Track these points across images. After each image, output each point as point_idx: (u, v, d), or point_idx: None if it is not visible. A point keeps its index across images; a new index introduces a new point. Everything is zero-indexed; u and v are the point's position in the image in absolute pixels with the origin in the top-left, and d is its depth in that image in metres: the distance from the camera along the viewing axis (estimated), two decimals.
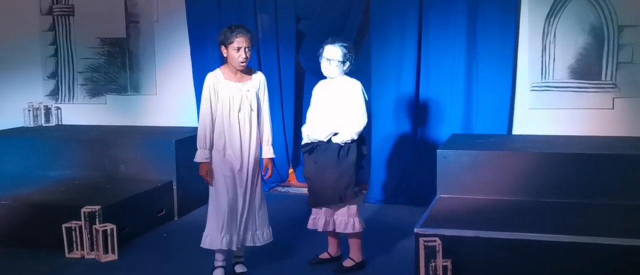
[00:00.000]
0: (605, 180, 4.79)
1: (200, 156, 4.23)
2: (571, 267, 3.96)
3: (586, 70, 5.78)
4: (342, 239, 4.61)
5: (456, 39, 6.04)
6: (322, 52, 4.40)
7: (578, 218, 4.42)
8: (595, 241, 3.94)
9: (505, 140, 5.68)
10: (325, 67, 4.38)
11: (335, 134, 4.33)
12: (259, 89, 4.30)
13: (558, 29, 5.81)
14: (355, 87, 4.37)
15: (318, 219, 4.49)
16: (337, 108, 4.34)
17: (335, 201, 4.37)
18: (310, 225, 4.55)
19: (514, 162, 5.02)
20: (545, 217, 4.46)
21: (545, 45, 5.85)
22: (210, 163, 4.24)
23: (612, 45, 5.70)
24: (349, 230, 4.40)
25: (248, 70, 4.32)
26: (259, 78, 4.34)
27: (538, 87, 5.91)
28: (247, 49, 4.17)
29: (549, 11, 5.81)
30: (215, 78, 4.22)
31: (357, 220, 4.41)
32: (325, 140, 4.35)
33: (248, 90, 4.24)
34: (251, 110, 4.24)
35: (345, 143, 4.32)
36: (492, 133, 5.90)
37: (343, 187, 4.33)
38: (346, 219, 4.40)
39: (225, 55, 4.23)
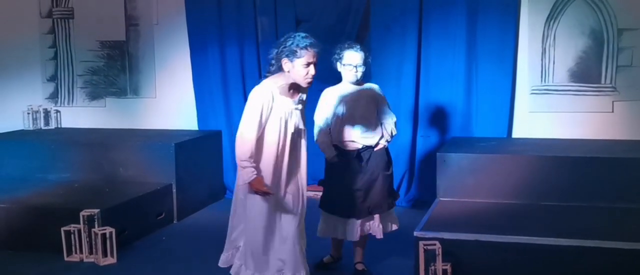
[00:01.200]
0: (605, 183, 4.79)
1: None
2: (572, 271, 3.95)
3: (586, 74, 5.78)
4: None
5: (456, 41, 6.04)
6: (341, 58, 4.27)
7: (578, 221, 4.42)
8: (595, 245, 3.93)
9: (505, 143, 5.67)
10: (351, 73, 4.22)
11: (381, 137, 4.30)
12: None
13: (558, 32, 5.81)
14: (378, 89, 4.38)
15: (335, 227, 4.34)
16: (371, 112, 4.27)
17: (392, 206, 4.38)
18: (321, 233, 4.43)
19: (514, 165, 5.01)
20: (546, 221, 4.45)
21: (545, 48, 5.85)
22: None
23: (612, 48, 5.70)
24: (393, 228, 4.44)
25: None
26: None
27: (538, 90, 5.90)
28: (315, 65, 3.65)
29: (549, 14, 5.81)
30: (271, 92, 3.63)
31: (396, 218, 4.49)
32: (374, 145, 4.26)
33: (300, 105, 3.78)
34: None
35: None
36: (492, 136, 5.89)
37: (394, 190, 4.42)
38: (378, 222, 4.32)
39: (286, 69, 3.65)
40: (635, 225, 4.32)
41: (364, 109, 4.23)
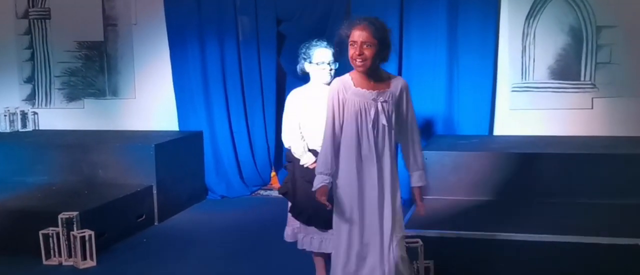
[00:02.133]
0: (585, 179, 4.82)
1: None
2: (553, 266, 3.97)
3: (565, 71, 5.81)
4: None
5: (437, 40, 6.05)
6: (310, 57, 3.98)
7: (559, 217, 4.44)
8: (576, 240, 3.97)
9: (486, 141, 5.69)
10: (325, 72, 3.95)
11: None
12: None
13: (537, 30, 5.84)
14: None
15: (312, 238, 4.00)
16: None
17: None
18: (299, 245, 4.10)
19: (496, 162, 5.03)
20: (527, 217, 4.47)
21: (525, 46, 5.87)
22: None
23: (591, 45, 5.74)
24: None
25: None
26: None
27: (518, 88, 5.93)
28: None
29: (529, 12, 5.83)
30: (343, 84, 3.29)
31: None
32: None
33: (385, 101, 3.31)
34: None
35: None
36: (474, 134, 5.91)
37: None
38: None
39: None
40: (615, 220, 4.35)
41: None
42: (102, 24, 7.02)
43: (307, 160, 3.94)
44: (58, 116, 7.26)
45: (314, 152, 3.89)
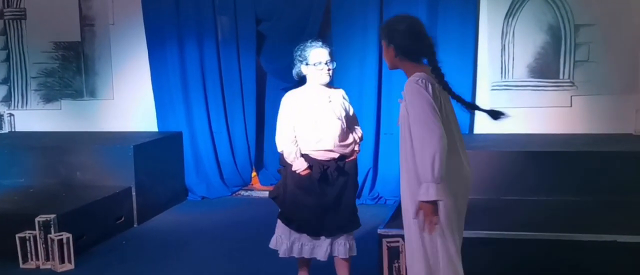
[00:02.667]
0: (565, 177, 4.85)
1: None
2: (532, 264, 3.99)
3: (545, 69, 5.85)
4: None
5: None
6: (306, 58, 3.81)
7: (539, 214, 4.46)
8: (555, 237, 3.98)
9: (466, 139, 5.60)
10: (324, 72, 3.81)
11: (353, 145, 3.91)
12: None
13: (517, 28, 5.87)
14: (344, 94, 3.98)
15: (303, 245, 3.88)
16: (343, 118, 3.86)
17: (357, 225, 3.94)
18: (286, 252, 3.94)
19: (476, 160, 4.98)
20: (507, 215, 4.49)
21: (504, 45, 5.90)
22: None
23: (569, 44, 5.78)
24: (353, 253, 3.94)
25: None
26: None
27: (498, 86, 5.95)
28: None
29: (508, 11, 5.87)
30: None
31: (353, 241, 3.97)
32: (348, 154, 3.86)
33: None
34: None
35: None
36: None
37: (356, 207, 3.98)
38: (346, 241, 3.90)
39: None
40: (594, 217, 4.38)
41: (338, 115, 3.83)
42: (78, 24, 6.94)
43: (299, 166, 3.78)
44: (35, 118, 7.17)
45: (306, 157, 3.78)
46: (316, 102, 3.83)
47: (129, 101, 6.96)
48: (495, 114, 3.22)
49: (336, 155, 3.81)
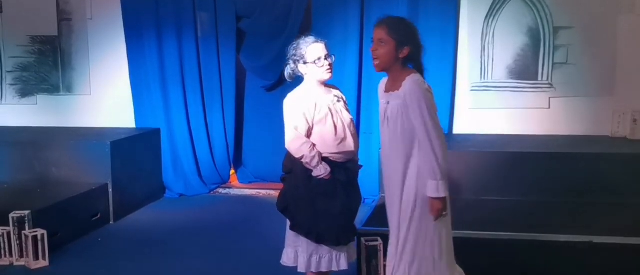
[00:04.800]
0: (542, 178, 4.88)
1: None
2: (509, 264, 4.01)
3: (524, 71, 5.88)
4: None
5: None
6: (304, 56, 3.56)
7: (516, 215, 4.49)
8: (532, 238, 4.01)
9: (446, 139, 5.69)
10: (325, 69, 3.58)
11: None
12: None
13: (496, 29, 5.90)
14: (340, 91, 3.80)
15: (322, 258, 3.58)
16: (352, 117, 3.69)
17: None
18: (305, 267, 3.60)
19: (455, 161, 5.03)
20: (485, 215, 4.51)
21: (484, 46, 5.93)
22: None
23: (548, 46, 5.82)
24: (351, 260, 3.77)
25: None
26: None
27: (477, 87, 5.98)
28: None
29: (488, 12, 5.89)
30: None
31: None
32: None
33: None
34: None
35: None
36: None
37: None
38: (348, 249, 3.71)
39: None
40: (570, 218, 4.42)
41: (348, 114, 3.66)
42: (56, 18, 6.86)
43: (322, 171, 3.49)
44: (10, 112, 7.07)
45: (326, 161, 3.51)
46: (327, 102, 3.57)
47: (106, 97, 6.89)
48: None
49: (357, 157, 3.64)
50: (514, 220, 4.37)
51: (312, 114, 3.52)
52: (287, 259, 3.68)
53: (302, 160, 3.50)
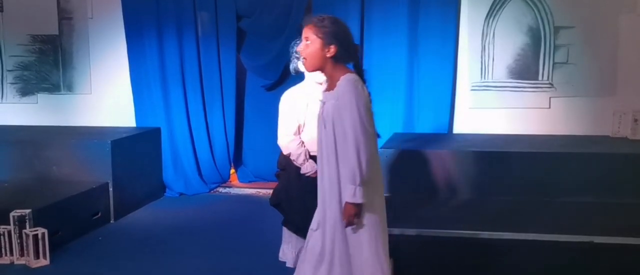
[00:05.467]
0: (542, 177, 4.88)
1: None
2: (511, 264, 4.01)
3: (524, 70, 5.88)
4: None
5: (398, 38, 6.06)
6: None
7: (517, 215, 4.48)
8: (534, 238, 4.01)
9: (446, 139, 5.72)
10: None
11: None
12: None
13: (497, 29, 5.89)
14: None
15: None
16: None
17: None
18: (294, 262, 3.73)
19: (455, 161, 5.06)
20: (486, 215, 4.50)
21: (484, 46, 5.93)
22: None
23: (549, 45, 5.82)
24: None
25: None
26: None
27: (478, 87, 5.98)
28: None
29: (488, 12, 5.89)
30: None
31: None
32: None
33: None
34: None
35: None
36: (434, 132, 5.94)
37: None
38: None
39: None
40: (571, 218, 4.42)
41: None
42: (56, 17, 6.86)
43: (309, 168, 3.62)
44: (10, 111, 7.07)
45: (315, 159, 3.53)
46: (318, 101, 3.64)
47: (106, 96, 6.89)
48: None
49: None
50: (514, 220, 4.36)
51: (303, 112, 3.60)
52: (283, 254, 3.81)
53: (290, 157, 3.61)
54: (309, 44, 3.06)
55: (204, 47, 6.69)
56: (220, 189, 6.87)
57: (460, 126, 6.06)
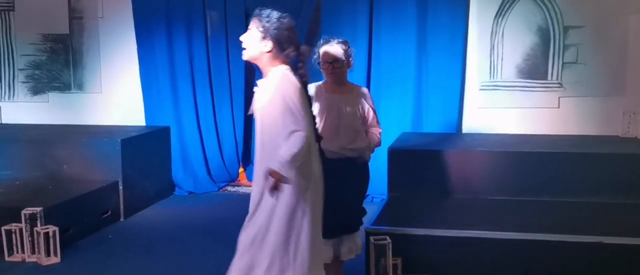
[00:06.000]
0: (551, 177, 4.86)
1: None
2: (519, 264, 4.00)
3: (533, 70, 5.87)
4: None
5: (406, 37, 6.06)
6: (317, 56, 3.83)
7: (526, 215, 4.47)
8: (542, 238, 4.00)
9: (455, 138, 5.71)
10: (326, 72, 3.82)
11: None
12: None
13: (506, 29, 5.89)
14: (367, 92, 4.01)
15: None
16: (357, 119, 3.86)
17: (356, 227, 3.87)
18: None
19: (464, 160, 5.05)
20: (494, 215, 4.50)
21: (493, 45, 5.92)
22: None
23: (558, 45, 5.81)
24: (359, 251, 3.90)
25: None
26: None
27: (487, 87, 5.97)
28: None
29: (497, 11, 5.88)
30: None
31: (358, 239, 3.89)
32: (356, 156, 3.84)
33: None
34: None
35: None
36: (442, 132, 5.94)
37: (363, 208, 3.95)
38: (347, 243, 3.83)
39: None
40: (581, 218, 4.41)
41: (350, 116, 3.78)
42: (67, 17, 6.90)
43: None
44: (22, 110, 7.12)
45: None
46: (327, 100, 3.74)
47: (116, 95, 6.92)
48: None
49: (342, 157, 3.72)
50: (524, 220, 4.36)
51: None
52: None
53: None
54: (249, 35, 3.19)
55: (213, 46, 6.71)
56: (229, 188, 6.90)
57: (470, 126, 6.06)
